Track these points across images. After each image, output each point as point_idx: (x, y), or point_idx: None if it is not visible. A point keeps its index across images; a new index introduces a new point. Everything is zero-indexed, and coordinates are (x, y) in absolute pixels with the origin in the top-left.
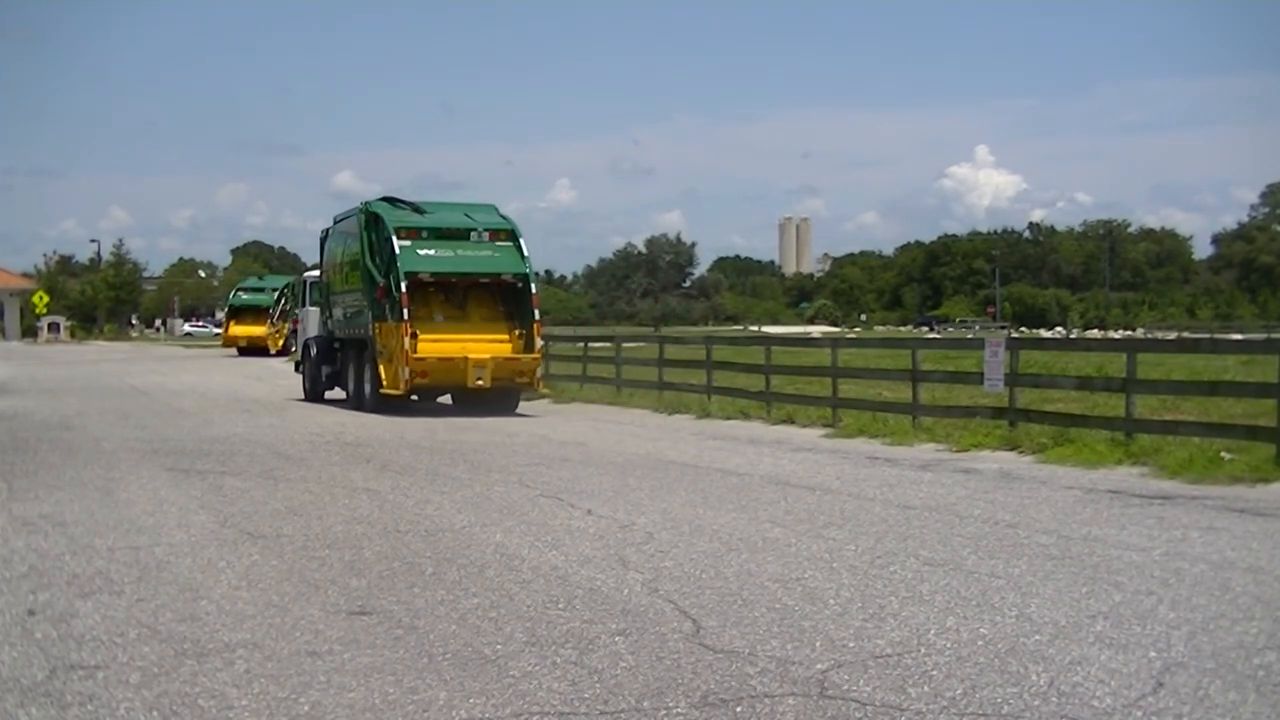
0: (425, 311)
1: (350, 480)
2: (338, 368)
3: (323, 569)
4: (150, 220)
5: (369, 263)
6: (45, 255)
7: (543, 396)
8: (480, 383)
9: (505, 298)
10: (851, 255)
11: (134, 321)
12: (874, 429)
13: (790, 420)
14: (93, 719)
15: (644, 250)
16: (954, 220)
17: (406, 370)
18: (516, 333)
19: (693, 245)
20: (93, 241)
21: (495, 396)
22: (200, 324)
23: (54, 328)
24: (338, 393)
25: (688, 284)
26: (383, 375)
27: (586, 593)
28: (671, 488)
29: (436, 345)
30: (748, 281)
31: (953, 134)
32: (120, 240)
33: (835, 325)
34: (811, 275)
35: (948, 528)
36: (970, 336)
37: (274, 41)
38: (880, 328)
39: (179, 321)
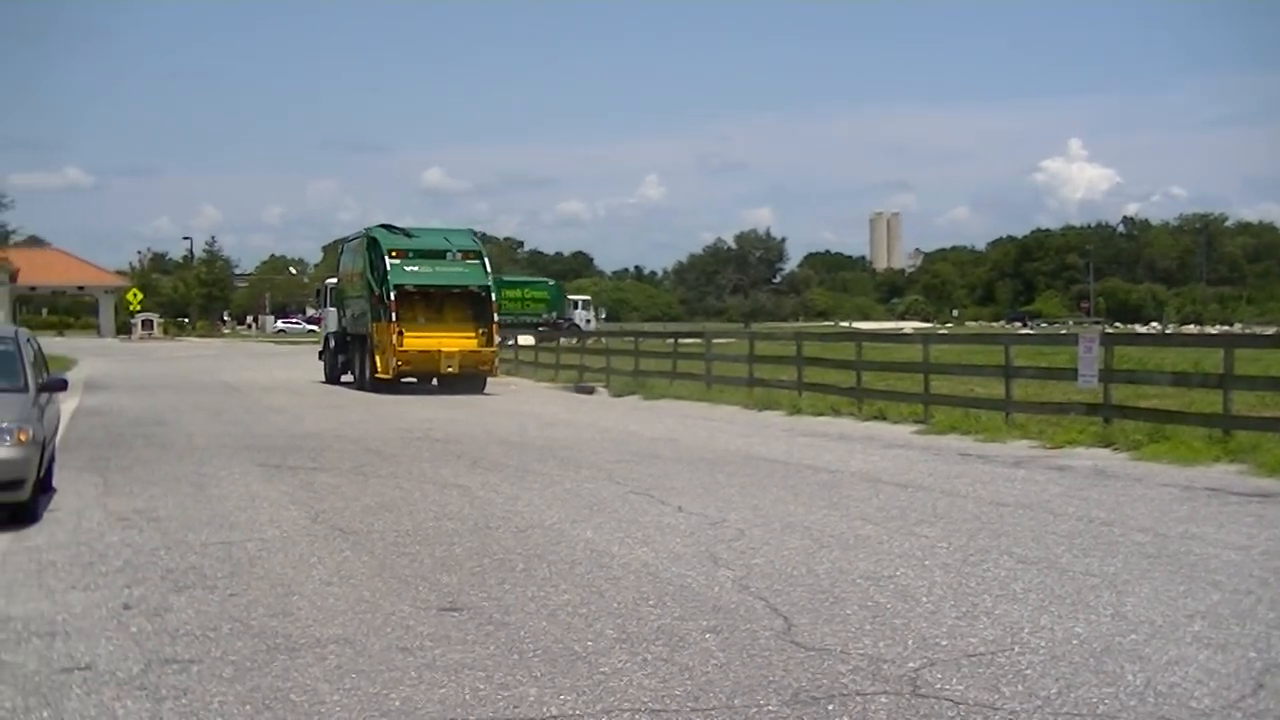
0: (410, 314)
1: (440, 476)
2: (349, 357)
3: (413, 565)
4: (241, 218)
5: (369, 276)
6: (139, 253)
7: (500, 378)
8: (450, 369)
9: (472, 304)
10: (943, 250)
11: (225, 318)
12: (966, 425)
13: (881, 416)
14: (187, 712)
15: (733, 246)
16: (1046, 214)
17: (395, 360)
18: (480, 331)
19: (782, 241)
20: (185, 239)
21: (466, 380)
22: (294, 320)
23: (147, 324)
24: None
25: (777, 280)
26: (377, 363)
27: (677, 589)
28: (762, 484)
29: (418, 340)
30: (838, 277)
31: (1045, 127)
32: (212, 238)
33: (927, 321)
34: (902, 270)
35: (1041, 525)
36: (1064, 332)
37: (361, 40)
38: (972, 323)
39: (270, 318)
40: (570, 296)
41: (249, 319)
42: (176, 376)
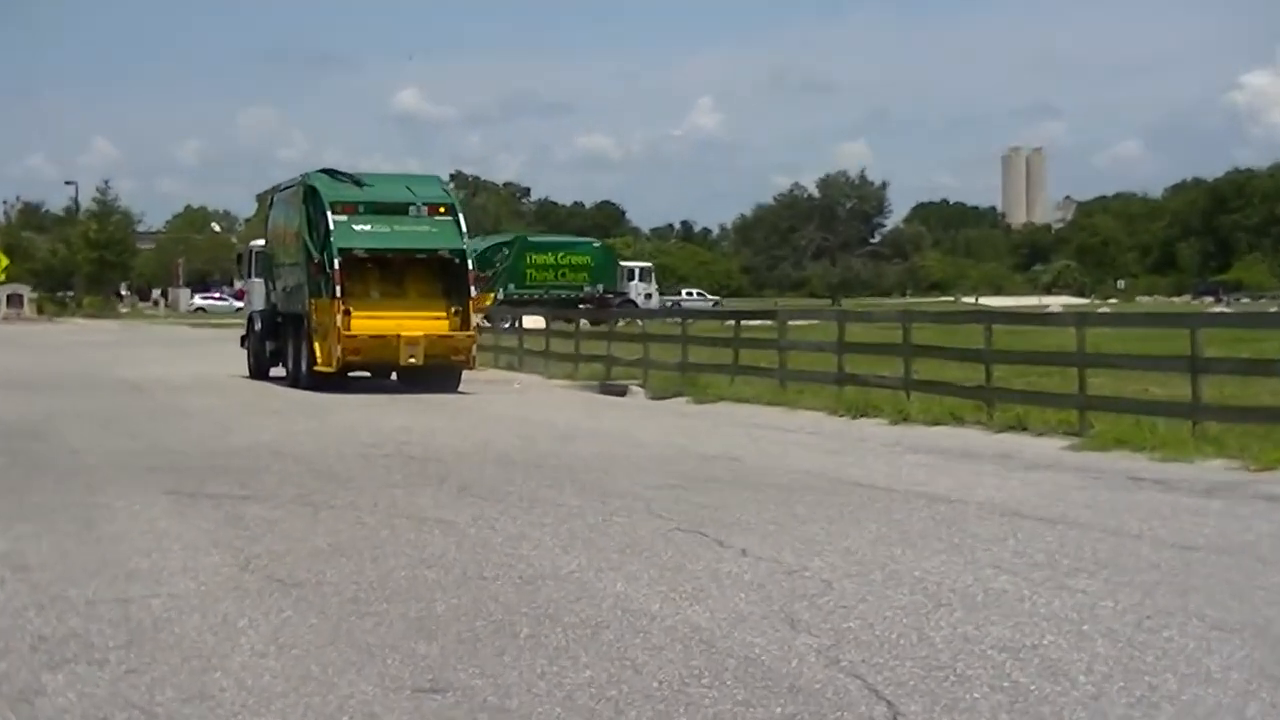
0: (361, 288)
1: (417, 507)
2: (281, 343)
3: (379, 630)
4: (146, 157)
5: (306, 237)
6: (4, 203)
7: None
8: (413, 360)
9: (442, 274)
10: (1103, 199)
11: (124, 292)
12: (1137, 439)
13: (1020, 426)
14: None
15: (816, 194)
16: (1250, 148)
17: (339, 348)
18: (453, 310)
19: (883, 187)
20: (69, 184)
21: (435, 374)
22: (217, 295)
23: (14, 300)
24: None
25: (877, 239)
26: (317, 352)
27: (741, 663)
28: (856, 519)
29: (370, 322)
30: (959, 236)
31: (1247, 29)
32: (105, 183)
33: (1081, 295)
34: (1048, 227)
35: (1246, 578)
36: (1275, 310)
37: None
38: (1144, 298)
39: (185, 292)
40: (625, 263)
41: (156, 294)
42: (57, 372)
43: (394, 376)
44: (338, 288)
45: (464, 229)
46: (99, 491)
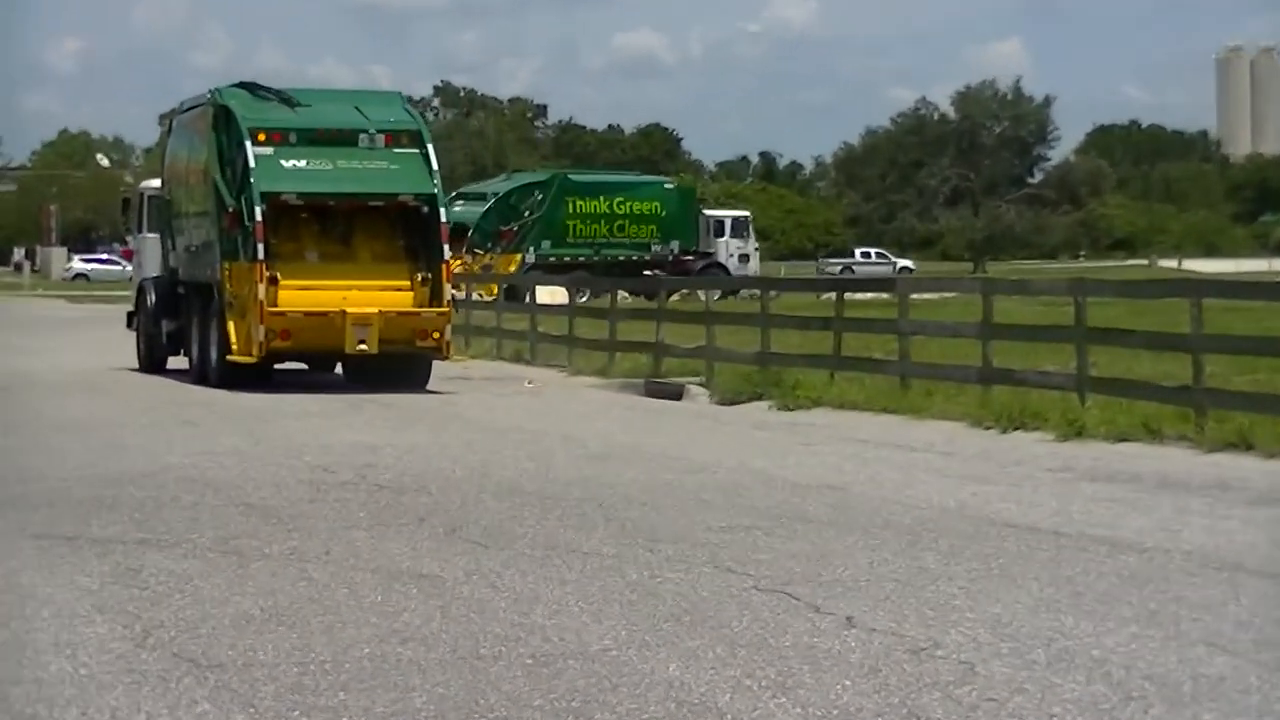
0: (293, 247)
1: (388, 557)
2: (181, 323)
3: None
4: (3, 59)
5: (218, 177)
6: None
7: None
8: (363, 347)
9: (405, 228)
10: None
11: None
12: None
13: (1243, 444)
14: None
15: (952, 115)
16: None
17: (261, 329)
18: (419, 277)
19: (1046, 104)
20: None
21: (394, 366)
22: (105, 257)
23: None
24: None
25: (1037, 179)
26: (232, 335)
27: None
28: (1009, 575)
29: (305, 294)
30: (1155, 173)
31: None
32: None
33: None
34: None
35: None
36: None
37: None
38: None
39: (60, 252)
40: (708, 212)
41: (19, 255)
42: None
43: (339, 370)
44: (259, 246)
45: (434, 165)
46: None
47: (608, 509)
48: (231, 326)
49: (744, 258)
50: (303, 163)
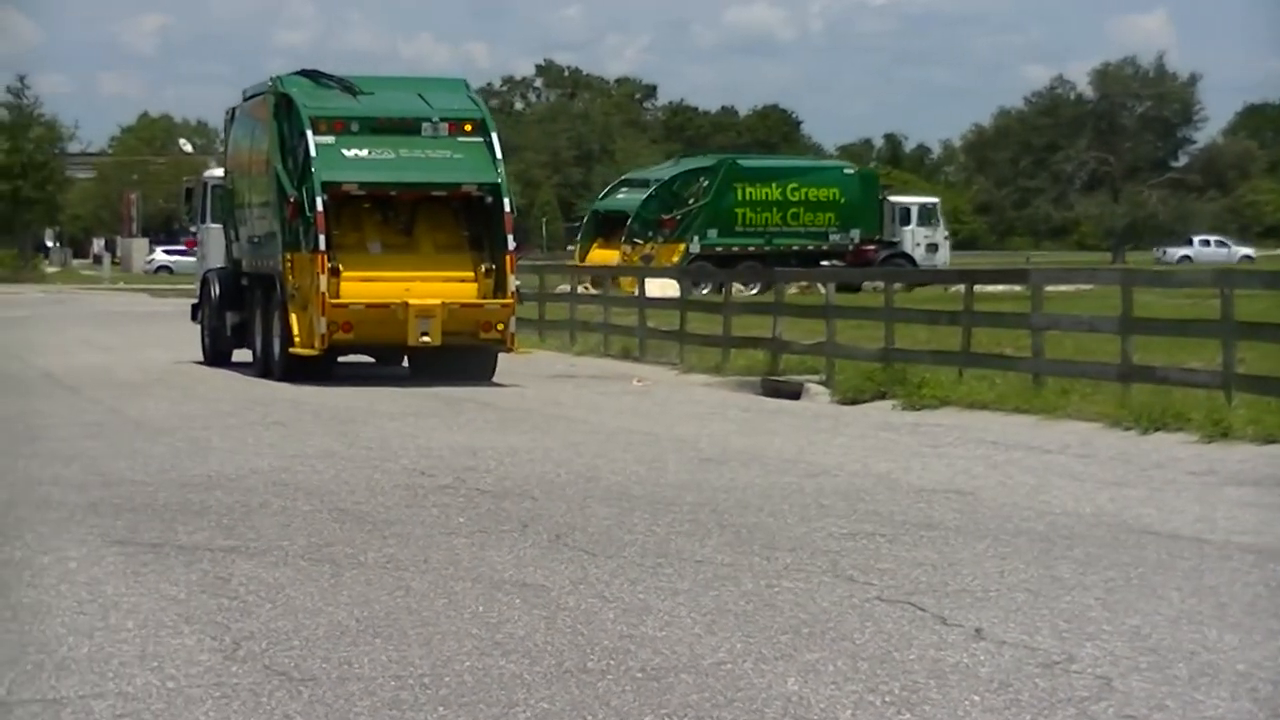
0: (355, 238)
1: (489, 566)
2: (245, 315)
3: None
4: (82, 40)
5: (279, 166)
6: None
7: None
8: (426, 339)
9: (469, 218)
10: None
11: (50, 243)
12: None
13: None
14: None
15: (1089, 94)
16: None
17: (323, 321)
18: (483, 269)
19: (1192, 82)
20: None
21: (458, 357)
22: (189, 247)
23: None
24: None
25: (1182, 162)
26: (294, 327)
27: None
28: (1149, 585)
29: (367, 286)
30: None
31: None
32: (20, 79)
33: None
34: None
35: None
36: None
37: None
38: None
39: (141, 243)
40: (893, 198)
41: (99, 245)
42: None
43: (404, 363)
44: (321, 237)
45: (499, 154)
46: (13, 541)
47: (722, 515)
48: (294, 318)
49: (932, 247)
50: (364, 152)
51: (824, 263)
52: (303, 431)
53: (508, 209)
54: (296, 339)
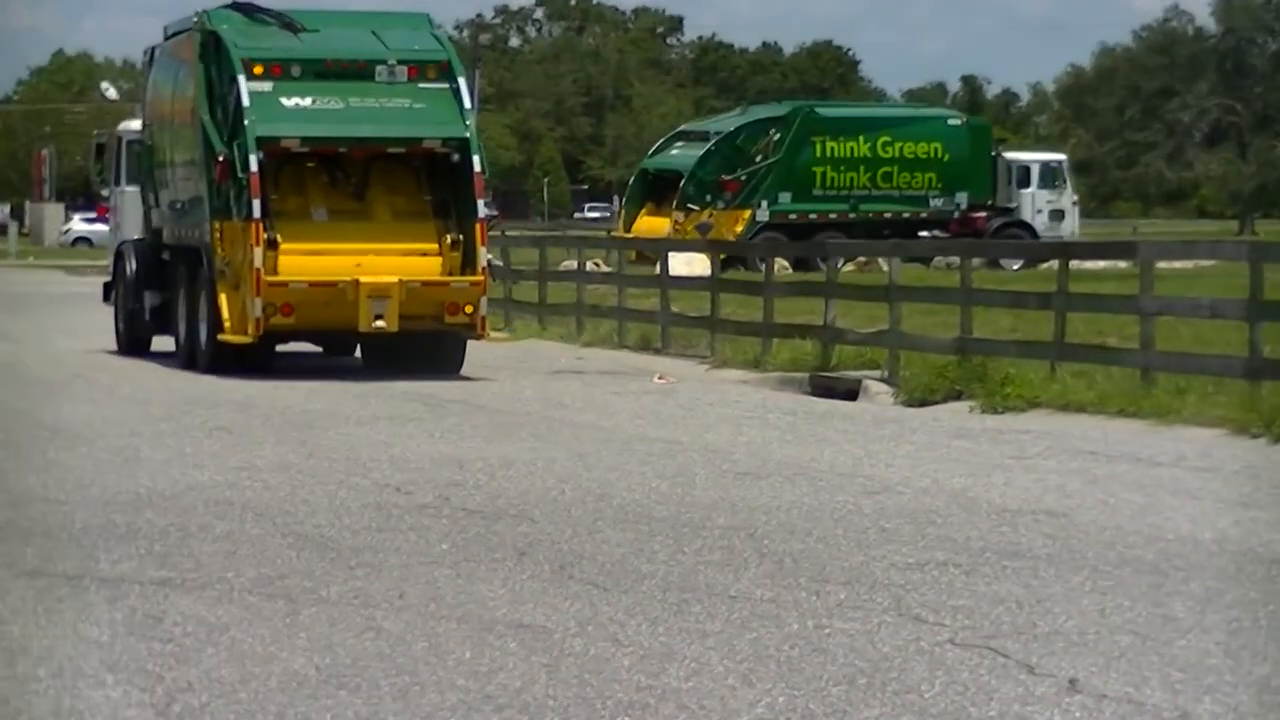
0: (297, 203)
1: (479, 601)
2: (167, 296)
3: None
4: None
5: (206, 118)
6: None
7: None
8: (380, 324)
9: (432, 180)
10: None
11: None
12: None
13: None
14: None
15: (1211, 28)
16: None
17: (258, 302)
18: (449, 240)
19: None
20: None
21: (420, 347)
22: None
23: None
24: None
25: None
26: (224, 310)
27: None
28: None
29: (311, 261)
30: None
31: None
32: None
33: None
34: None
35: None
36: None
37: None
38: None
39: (55, 209)
40: (1009, 155)
41: (3, 212)
42: None
43: (358, 354)
44: (255, 202)
45: (468, 103)
46: None
47: (761, 541)
48: (223, 299)
49: (1057, 214)
50: (307, 101)
51: (923, 233)
52: (252, 439)
53: (478, 169)
54: (226, 324)
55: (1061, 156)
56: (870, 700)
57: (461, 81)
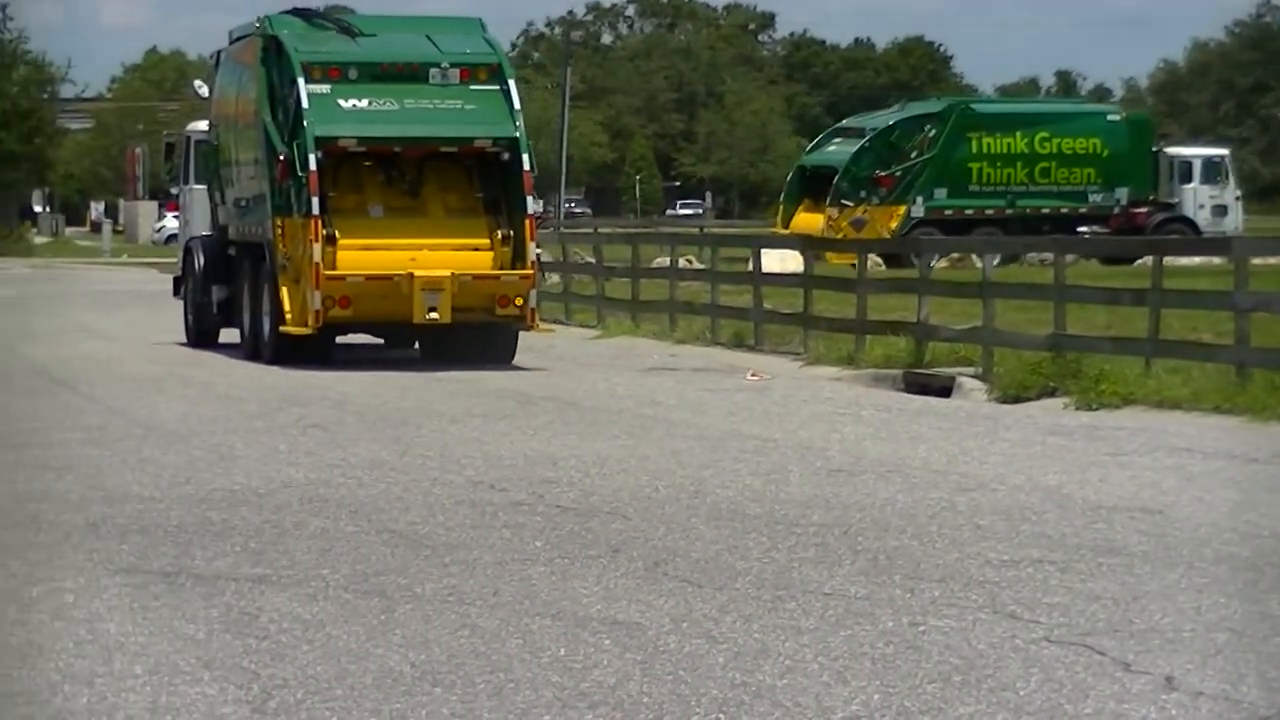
0: (354, 201)
1: (572, 598)
2: (233, 289)
3: None
4: None
5: (268, 119)
6: None
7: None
8: (433, 315)
9: (484, 178)
10: None
11: (39, 208)
12: None
13: None
14: None
15: None
16: None
17: (317, 295)
18: (499, 235)
19: None
20: None
21: (474, 338)
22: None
23: None
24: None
25: None
26: (285, 302)
27: None
28: None
29: (367, 255)
30: None
31: None
32: (3, 8)
33: None
34: None
35: None
36: None
37: None
38: None
39: (149, 206)
40: (1170, 150)
41: (97, 210)
42: None
43: (416, 346)
44: (314, 199)
45: (516, 104)
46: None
47: (855, 538)
48: (285, 293)
49: (1220, 209)
50: (364, 102)
51: (1082, 229)
52: (345, 436)
53: (527, 167)
54: (288, 316)
55: (1224, 151)
56: (965, 698)
57: (511, 84)
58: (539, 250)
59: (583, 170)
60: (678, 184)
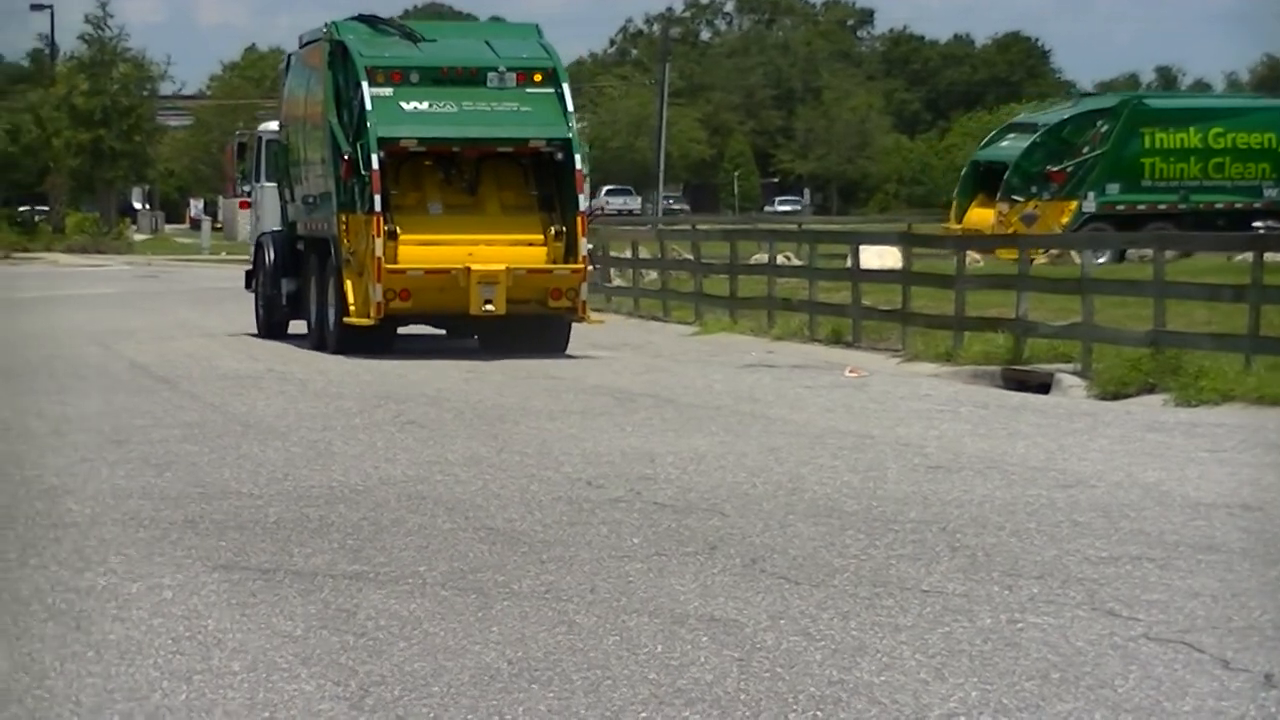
0: (414, 198)
1: (670, 595)
2: (301, 283)
3: None
4: None
5: (334, 120)
6: None
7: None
8: (489, 308)
9: (538, 176)
10: None
11: (139, 205)
12: None
13: None
14: None
15: None
16: None
17: (379, 288)
18: (552, 231)
19: None
20: (36, 8)
21: (529, 330)
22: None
23: None
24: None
25: None
26: (349, 295)
27: None
28: None
29: (426, 250)
30: None
31: None
32: (103, 6)
33: None
34: None
35: None
36: None
37: None
38: None
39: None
40: None
41: (197, 207)
42: (17, 349)
43: (475, 338)
44: (377, 197)
45: (570, 106)
46: (96, 566)
47: (953, 535)
48: (349, 285)
49: None
50: (424, 104)
51: (1257, 224)
52: (443, 433)
53: (579, 166)
54: (351, 308)
55: None
56: (1064, 695)
57: (565, 86)
58: (589, 245)
59: (681, 167)
60: (775, 180)
